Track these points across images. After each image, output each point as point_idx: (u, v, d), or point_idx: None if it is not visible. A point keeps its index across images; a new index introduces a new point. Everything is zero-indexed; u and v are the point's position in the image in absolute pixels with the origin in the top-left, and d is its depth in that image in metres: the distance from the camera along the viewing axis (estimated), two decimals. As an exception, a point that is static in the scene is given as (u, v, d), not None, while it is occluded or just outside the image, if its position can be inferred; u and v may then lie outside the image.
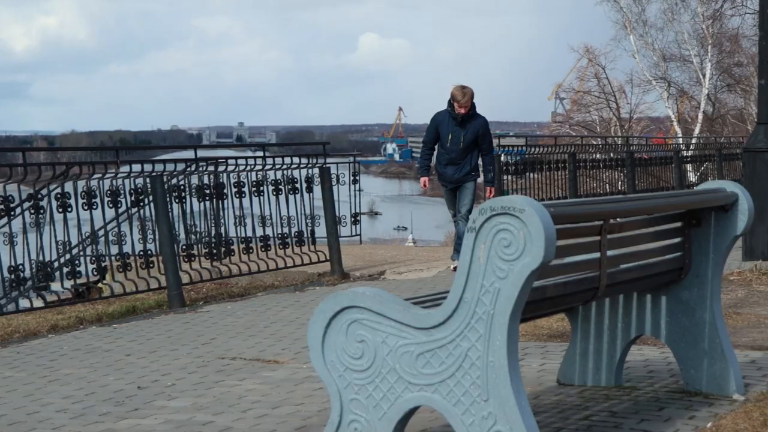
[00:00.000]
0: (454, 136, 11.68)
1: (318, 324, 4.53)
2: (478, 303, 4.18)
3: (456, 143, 11.68)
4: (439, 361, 4.29)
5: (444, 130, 11.74)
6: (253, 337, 8.09)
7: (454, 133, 11.68)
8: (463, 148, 11.68)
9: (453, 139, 11.69)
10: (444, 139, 11.75)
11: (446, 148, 11.76)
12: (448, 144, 11.72)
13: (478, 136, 11.72)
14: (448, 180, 11.88)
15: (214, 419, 5.61)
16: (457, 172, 11.74)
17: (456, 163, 11.73)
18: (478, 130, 11.71)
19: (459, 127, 11.66)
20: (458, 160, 11.71)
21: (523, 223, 4.09)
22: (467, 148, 11.69)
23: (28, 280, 9.37)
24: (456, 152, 11.70)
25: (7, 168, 9.41)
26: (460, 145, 11.67)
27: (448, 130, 11.70)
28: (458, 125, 11.66)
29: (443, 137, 11.76)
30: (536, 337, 7.68)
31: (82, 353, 7.62)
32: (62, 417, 5.73)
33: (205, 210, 11.23)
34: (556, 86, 63.39)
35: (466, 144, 11.67)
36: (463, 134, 11.66)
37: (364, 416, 4.46)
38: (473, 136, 11.70)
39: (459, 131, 11.68)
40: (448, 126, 11.71)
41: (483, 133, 11.77)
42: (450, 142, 11.71)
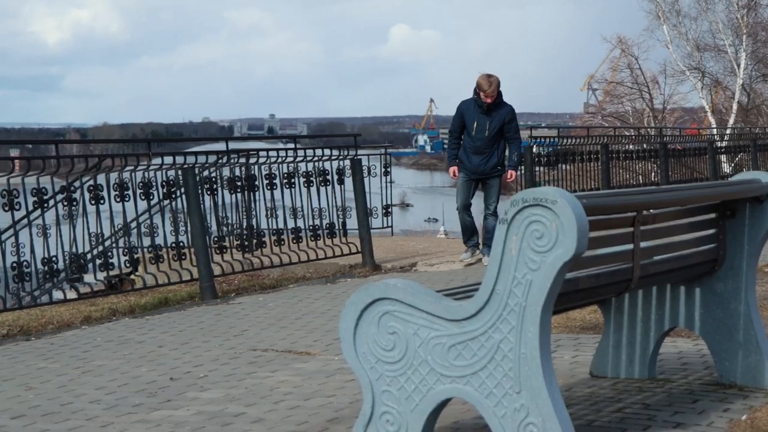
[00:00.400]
0: (480, 125, 11.48)
1: (350, 316, 4.53)
2: (510, 295, 4.16)
3: (481, 131, 11.49)
4: (471, 353, 4.28)
5: (470, 118, 11.54)
6: (285, 329, 8.10)
7: (480, 122, 11.48)
8: (489, 137, 11.48)
9: (479, 127, 11.49)
10: (470, 127, 11.55)
11: (472, 136, 11.55)
12: (474, 132, 11.51)
13: (504, 124, 11.53)
14: (473, 170, 11.62)
15: (246, 410, 5.62)
16: (484, 163, 11.56)
17: (482, 152, 11.53)
18: (504, 118, 11.52)
19: (485, 116, 11.47)
20: (484, 149, 11.51)
21: (555, 214, 4.06)
22: (494, 136, 11.49)
23: (61, 272, 9.42)
24: (482, 140, 11.50)
25: (40, 160, 9.45)
26: (486, 133, 11.48)
27: (474, 119, 11.50)
28: (484, 113, 11.46)
29: (469, 126, 11.56)
30: (569, 329, 7.65)
31: (115, 344, 7.66)
32: (95, 408, 5.76)
33: (236, 202, 11.25)
34: (589, 77, 63.09)
35: (492, 132, 11.47)
36: (489, 122, 11.47)
37: (396, 408, 4.45)
38: (499, 124, 11.49)
39: (485, 119, 11.48)
40: (473, 114, 11.51)
41: (509, 120, 11.56)
42: (476, 130, 11.50)
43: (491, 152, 11.54)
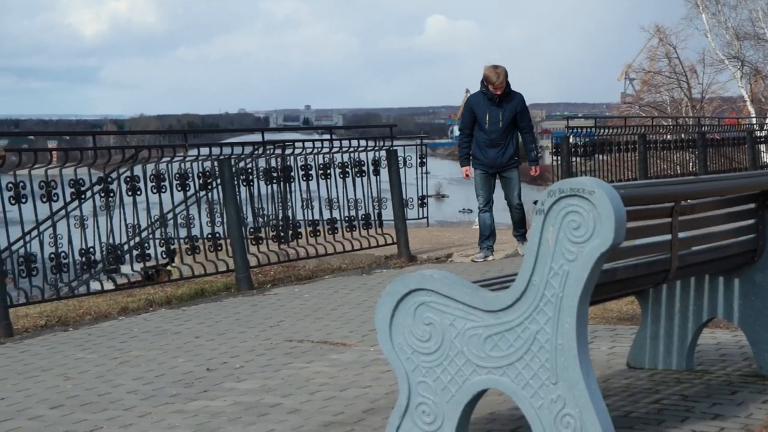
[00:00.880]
0: (492, 116, 11.27)
1: (386, 306, 4.52)
2: (546, 286, 4.14)
3: (495, 123, 11.27)
4: (507, 344, 4.26)
5: (480, 111, 11.32)
6: (321, 320, 8.11)
7: (492, 113, 11.27)
8: (503, 128, 11.27)
9: (491, 119, 11.27)
10: (482, 121, 11.32)
11: (485, 129, 11.31)
12: (487, 125, 11.28)
13: (517, 114, 11.33)
14: (489, 164, 11.38)
15: (282, 401, 5.63)
16: (500, 155, 11.34)
17: (497, 144, 11.32)
18: (516, 107, 11.32)
19: (496, 107, 11.27)
20: (499, 140, 11.30)
21: (592, 205, 4.03)
22: (507, 127, 11.30)
23: (98, 263, 9.48)
24: (496, 132, 11.29)
25: (78, 152, 9.51)
26: (500, 124, 11.27)
27: (485, 111, 11.29)
28: (495, 105, 11.26)
29: (480, 119, 11.33)
30: (605, 320, 7.61)
31: (151, 335, 7.70)
32: (133, 398, 5.79)
33: (272, 193, 11.27)
34: (626, 66, 62.69)
35: (505, 123, 11.27)
36: (501, 113, 11.27)
37: (432, 399, 4.44)
38: (512, 114, 11.29)
39: (497, 111, 11.27)
40: (484, 107, 11.30)
41: (521, 110, 11.38)
42: (488, 122, 11.27)
43: (506, 144, 11.35)
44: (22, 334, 7.98)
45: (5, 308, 7.98)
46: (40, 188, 8.72)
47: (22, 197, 8.51)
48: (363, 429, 5.03)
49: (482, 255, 11.52)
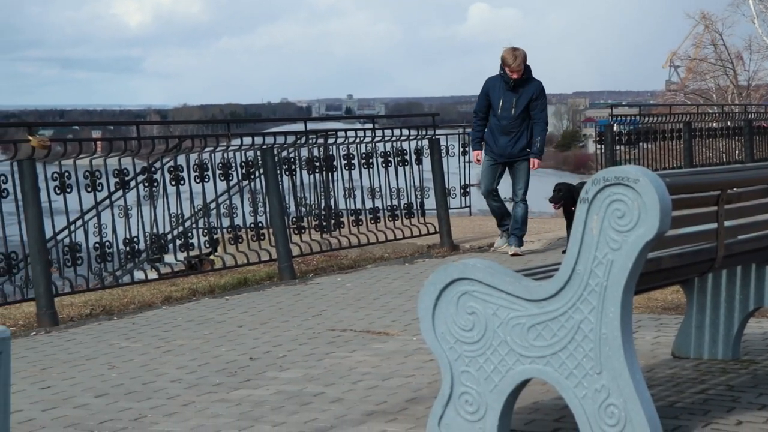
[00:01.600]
0: (506, 102, 10.71)
1: (428, 296, 4.51)
2: (590, 275, 4.11)
3: (508, 109, 10.70)
4: (550, 334, 4.24)
5: (495, 96, 10.78)
6: (363, 309, 8.11)
7: (506, 99, 10.71)
8: (516, 115, 10.70)
9: (504, 105, 10.71)
10: (495, 105, 10.78)
11: (498, 115, 10.77)
12: (500, 111, 10.74)
13: (531, 101, 10.73)
14: (499, 153, 10.82)
15: (325, 390, 5.63)
16: (512, 144, 10.76)
17: (509, 132, 10.75)
18: (531, 94, 10.72)
19: (511, 92, 10.70)
20: (511, 128, 10.73)
21: (637, 193, 4.00)
22: (521, 115, 10.72)
23: (142, 252, 9.53)
24: (508, 119, 10.72)
25: (122, 141, 9.56)
26: (512, 111, 10.69)
27: (500, 96, 10.74)
28: (510, 90, 10.70)
29: (494, 104, 10.79)
30: (650, 310, 7.55)
31: (195, 324, 7.73)
32: (177, 387, 5.81)
33: (314, 182, 11.28)
34: (671, 54, 62.11)
35: (519, 110, 10.70)
36: (516, 99, 10.69)
37: (475, 388, 4.43)
38: (527, 101, 10.70)
39: (511, 96, 10.70)
40: (499, 91, 10.75)
41: (536, 97, 10.75)
42: (501, 108, 10.72)
43: (519, 132, 10.77)
44: (68, 323, 8.04)
45: (50, 297, 8.05)
46: (85, 178, 8.78)
47: (67, 187, 8.58)
48: (406, 418, 5.02)
49: (504, 240, 11.24)
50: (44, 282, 8.01)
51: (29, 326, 7.95)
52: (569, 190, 10.34)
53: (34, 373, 6.29)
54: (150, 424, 5.07)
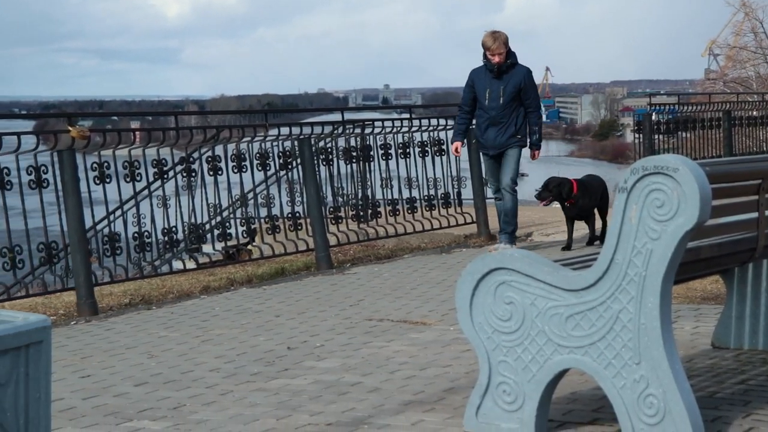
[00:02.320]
0: (492, 91, 10.03)
1: (466, 285, 4.50)
2: (629, 264, 4.09)
3: (495, 99, 10.02)
4: (589, 324, 4.22)
5: (480, 86, 10.09)
6: (400, 299, 8.11)
7: (492, 87, 10.03)
8: (503, 105, 10.00)
9: (491, 94, 10.03)
10: (481, 96, 10.09)
11: (485, 106, 10.07)
12: (486, 101, 10.04)
13: (521, 89, 10.04)
14: (489, 145, 10.15)
15: (362, 380, 5.64)
16: (500, 134, 10.04)
17: (497, 123, 10.04)
18: (519, 81, 10.01)
19: (497, 80, 10.02)
20: (500, 119, 10.02)
21: (677, 182, 3.97)
22: (509, 104, 10.01)
23: (181, 242, 9.58)
24: (496, 110, 10.02)
25: (160, 132, 9.61)
26: (500, 100, 10.00)
27: (485, 86, 10.05)
28: (495, 78, 10.02)
29: (480, 94, 10.10)
30: (689, 299, 7.51)
31: (233, 314, 7.76)
32: (215, 376, 5.84)
33: (351, 172, 11.29)
34: (710, 42, 61.59)
35: (506, 99, 9.99)
36: (502, 87, 9.99)
37: (512, 378, 4.42)
38: (514, 88, 9.99)
39: (497, 85, 10.02)
40: (484, 81, 10.07)
41: (526, 85, 10.05)
42: (488, 98, 10.04)
43: (508, 122, 10.05)
44: (107, 312, 8.10)
45: (90, 287, 8.11)
46: (124, 168, 8.83)
47: (106, 177, 8.64)
48: (443, 408, 5.02)
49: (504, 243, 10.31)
50: (84, 272, 8.07)
51: (69, 315, 8.02)
52: (559, 186, 10.15)
53: (74, 361, 6.34)
54: (189, 413, 5.10)
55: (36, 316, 3.20)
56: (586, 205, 10.27)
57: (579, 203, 10.21)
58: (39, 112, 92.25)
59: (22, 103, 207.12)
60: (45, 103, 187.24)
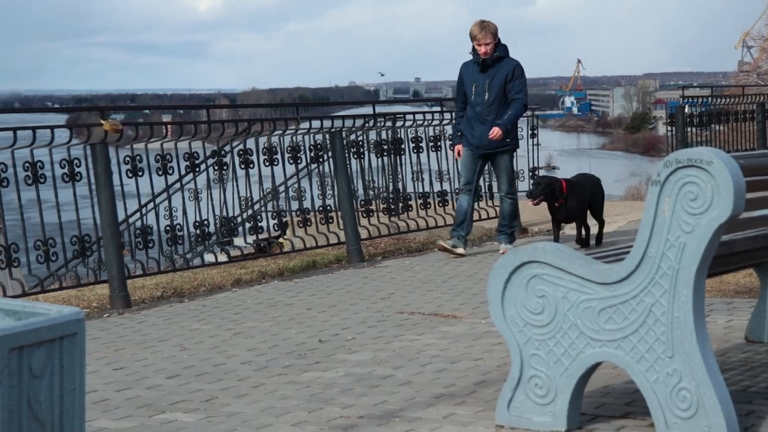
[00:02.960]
0: (479, 86, 9.60)
1: (498, 279, 4.49)
2: (662, 258, 4.07)
3: (480, 94, 9.58)
4: (621, 317, 4.20)
5: (468, 80, 9.69)
6: (431, 292, 8.11)
7: (479, 82, 9.60)
8: (489, 100, 9.55)
9: (477, 89, 9.61)
10: (468, 91, 9.69)
11: (471, 101, 9.66)
12: (473, 96, 9.63)
13: (507, 83, 9.59)
14: (476, 144, 9.70)
15: (393, 373, 5.64)
16: (487, 134, 9.60)
17: (485, 120, 9.59)
18: (506, 75, 9.56)
19: (483, 74, 9.60)
20: (487, 115, 9.57)
21: (710, 175, 3.95)
22: (495, 100, 9.55)
23: (212, 235, 9.62)
24: (482, 105, 9.59)
25: (191, 125, 9.65)
26: (485, 96, 9.56)
27: (472, 80, 9.64)
28: (482, 71, 9.60)
29: (467, 89, 9.70)
30: (722, 293, 7.46)
31: (264, 307, 7.78)
32: (247, 369, 5.86)
33: (383, 165, 11.29)
34: (744, 34, 61.20)
35: (493, 94, 9.54)
36: (488, 82, 9.56)
37: (544, 372, 4.41)
38: (500, 83, 9.54)
39: (483, 79, 9.59)
40: (471, 75, 9.66)
41: (512, 78, 9.59)
42: (474, 93, 9.62)
43: (495, 120, 9.61)
44: (139, 305, 8.14)
45: (123, 280, 8.16)
46: (156, 161, 8.87)
47: (138, 170, 8.68)
48: (475, 401, 5.02)
49: (450, 243, 9.90)
50: (117, 264, 8.11)
51: (102, 308, 8.06)
52: (549, 185, 9.68)
53: (107, 354, 6.38)
54: (221, 406, 5.12)
55: (70, 309, 3.22)
56: (574, 207, 9.72)
57: (567, 204, 9.69)
58: (72, 106, 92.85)
59: (55, 97, 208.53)
60: (78, 97, 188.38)
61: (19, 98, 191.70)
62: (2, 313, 3.31)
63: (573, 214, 9.80)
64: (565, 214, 9.82)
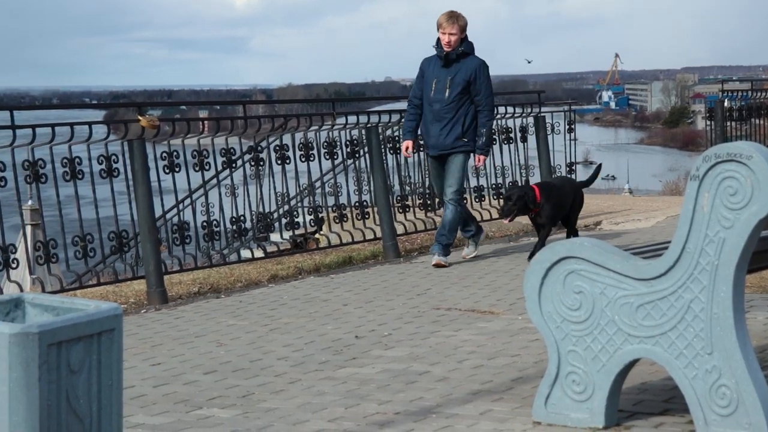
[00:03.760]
0: (439, 81, 9.01)
1: (535, 274, 4.47)
2: (701, 253, 4.04)
3: (441, 91, 8.99)
4: (660, 313, 4.17)
5: (429, 76, 9.10)
6: (468, 288, 8.09)
7: (440, 78, 9.02)
8: (449, 98, 8.96)
9: (438, 85, 9.01)
10: (428, 87, 9.08)
11: (430, 98, 9.04)
12: (432, 93, 9.02)
13: (470, 83, 8.98)
14: (432, 144, 9.11)
15: (430, 369, 5.63)
16: (444, 134, 9.00)
17: (442, 118, 9.00)
18: (470, 74, 8.95)
19: (445, 69, 9.03)
20: (444, 114, 8.98)
21: (750, 170, 3.91)
22: (456, 98, 8.95)
23: (249, 231, 9.64)
24: (440, 103, 8.99)
25: (228, 121, 9.67)
26: (446, 93, 8.96)
27: (433, 76, 9.06)
28: (444, 66, 9.04)
29: (427, 85, 9.10)
30: (762, 289, 7.39)
31: (301, 302, 7.79)
32: (283, 365, 5.87)
33: (419, 160, 11.27)
34: (783, 27, 60.58)
35: (454, 92, 8.94)
36: (450, 78, 8.98)
37: (582, 368, 4.39)
38: (463, 80, 8.95)
39: (445, 75, 9.01)
40: (433, 70, 9.08)
41: (477, 78, 8.95)
42: (434, 89, 9.02)
43: (454, 120, 9.00)
44: (176, 300, 8.17)
45: (160, 275, 8.19)
46: (193, 157, 8.90)
47: (175, 166, 8.71)
48: (512, 398, 5.00)
49: (472, 248, 9.58)
50: (154, 260, 8.15)
51: (139, 304, 8.10)
52: (521, 198, 8.94)
53: (144, 349, 6.41)
54: (258, 401, 5.13)
55: (108, 305, 3.23)
56: (550, 212, 9.03)
57: (544, 210, 8.99)
58: (109, 102, 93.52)
59: (92, 93, 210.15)
60: (115, 93, 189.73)
61: (57, 94, 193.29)
62: (41, 308, 3.34)
63: (543, 221, 9.06)
64: (548, 217, 9.09)
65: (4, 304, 3.31)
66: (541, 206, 9.00)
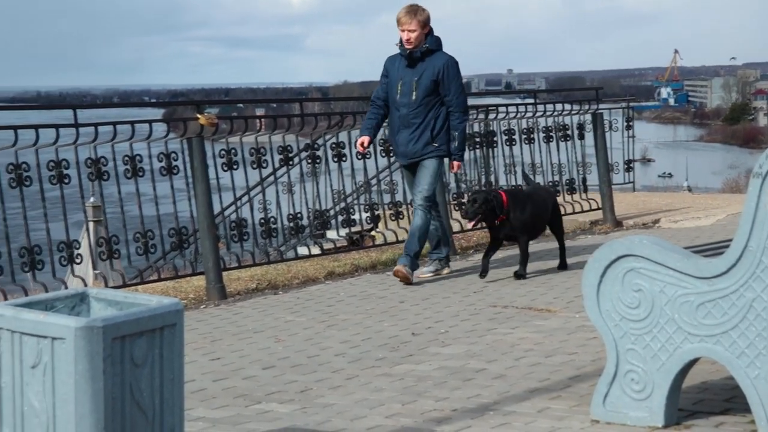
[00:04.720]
0: (405, 84, 8.33)
1: (593, 272, 4.46)
2: (764, 252, 4.00)
3: (407, 93, 8.31)
4: (721, 312, 4.14)
5: (394, 77, 8.42)
6: (525, 286, 8.07)
7: (405, 79, 8.33)
8: (416, 101, 8.28)
9: (403, 87, 8.33)
10: (392, 89, 8.41)
11: (396, 102, 8.37)
12: (398, 96, 8.35)
13: (439, 82, 8.29)
14: (402, 152, 8.49)
15: (487, 366, 5.63)
16: (413, 140, 8.35)
17: (410, 124, 8.33)
18: (437, 72, 8.26)
19: (410, 69, 8.35)
20: (412, 118, 8.32)
21: (813, 167, 3.86)
22: (424, 101, 8.28)
23: (306, 228, 9.69)
24: (408, 107, 8.32)
25: (285, 119, 9.72)
26: (412, 95, 8.28)
27: (398, 77, 8.38)
28: (409, 66, 8.36)
29: (392, 87, 8.43)
30: (824, 289, 7.29)
31: (357, 299, 7.82)
32: (340, 361, 5.90)
33: (474, 158, 11.25)
34: None
35: (420, 94, 8.27)
36: (416, 79, 8.29)
37: (641, 367, 4.37)
38: (429, 81, 8.26)
39: (410, 76, 8.33)
40: (398, 71, 8.40)
41: (445, 77, 8.27)
42: (400, 92, 8.34)
43: (423, 125, 8.34)
44: (235, 296, 8.24)
45: (219, 271, 8.26)
46: (250, 155, 8.96)
47: (233, 164, 8.78)
48: (569, 396, 4.98)
49: (430, 268, 8.76)
50: (213, 257, 8.22)
51: (199, 299, 8.18)
52: (487, 201, 8.21)
53: (204, 344, 6.47)
54: (315, 397, 5.16)
55: (169, 300, 3.28)
56: (517, 223, 8.33)
57: (510, 220, 8.29)
58: (168, 101, 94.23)
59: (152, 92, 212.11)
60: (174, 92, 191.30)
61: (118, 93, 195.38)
62: (105, 303, 3.39)
63: (515, 231, 8.37)
64: (508, 232, 8.38)
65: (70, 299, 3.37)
66: (509, 214, 8.29)
